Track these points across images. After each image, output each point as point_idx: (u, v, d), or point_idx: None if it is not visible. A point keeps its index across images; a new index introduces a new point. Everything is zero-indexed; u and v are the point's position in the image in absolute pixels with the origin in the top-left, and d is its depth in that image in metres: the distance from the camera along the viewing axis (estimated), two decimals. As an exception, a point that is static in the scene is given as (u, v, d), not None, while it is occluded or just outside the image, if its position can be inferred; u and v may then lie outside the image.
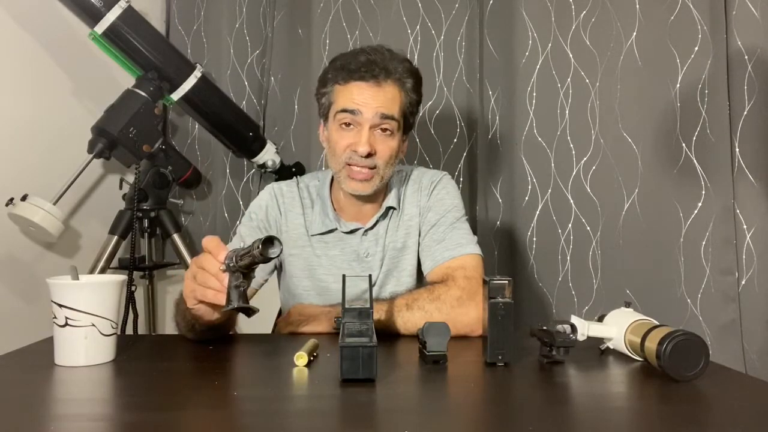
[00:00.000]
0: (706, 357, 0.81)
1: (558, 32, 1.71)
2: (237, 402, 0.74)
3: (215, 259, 0.87)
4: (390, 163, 1.22)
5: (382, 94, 1.18)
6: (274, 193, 1.32)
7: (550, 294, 1.76)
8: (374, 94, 1.18)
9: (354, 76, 1.18)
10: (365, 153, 1.17)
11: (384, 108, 1.18)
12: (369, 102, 1.17)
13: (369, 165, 1.19)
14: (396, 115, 1.19)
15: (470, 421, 0.70)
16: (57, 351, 0.90)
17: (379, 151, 1.19)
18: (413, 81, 1.23)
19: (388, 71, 1.19)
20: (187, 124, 2.13)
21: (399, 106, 1.20)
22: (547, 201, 1.75)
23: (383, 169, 1.21)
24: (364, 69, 1.17)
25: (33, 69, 1.77)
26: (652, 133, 1.61)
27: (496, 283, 0.90)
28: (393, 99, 1.19)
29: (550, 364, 0.90)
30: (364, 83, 1.18)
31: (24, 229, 1.70)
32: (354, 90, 1.18)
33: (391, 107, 1.19)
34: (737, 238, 1.49)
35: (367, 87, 1.18)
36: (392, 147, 1.21)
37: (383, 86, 1.18)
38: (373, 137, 1.18)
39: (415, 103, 1.25)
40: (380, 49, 1.21)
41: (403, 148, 1.28)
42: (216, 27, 2.06)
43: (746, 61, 1.47)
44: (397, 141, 1.22)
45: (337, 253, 1.28)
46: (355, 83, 1.18)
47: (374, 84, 1.18)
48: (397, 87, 1.20)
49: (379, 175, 1.21)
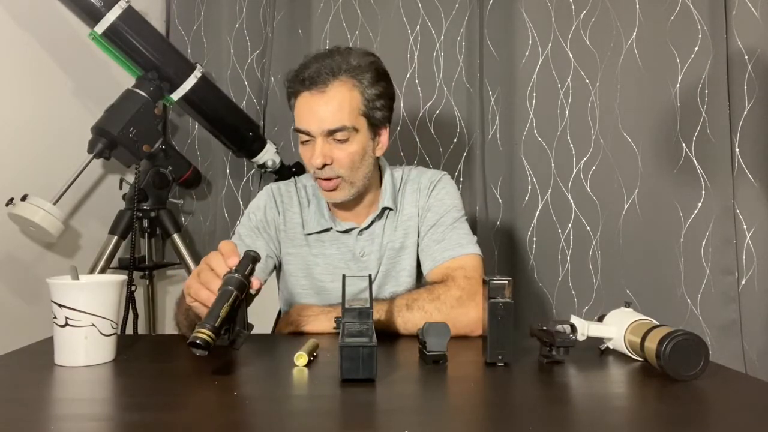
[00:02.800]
0: (706, 357, 0.81)
1: (558, 32, 1.71)
2: (237, 402, 0.74)
3: (225, 262, 0.88)
4: (355, 167, 1.19)
5: (327, 104, 1.15)
6: (272, 193, 1.32)
7: (550, 294, 1.76)
8: (319, 107, 1.15)
9: (302, 87, 1.17)
10: (319, 165, 1.16)
11: (329, 123, 1.15)
12: (314, 118, 1.16)
13: (329, 176, 1.18)
14: (347, 123, 1.16)
15: (470, 421, 0.70)
16: (57, 351, 0.89)
17: (336, 160, 1.17)
18: (371, 75, 1.18)
19: (336, 72, 1.16)
20: (187, 124, 2.12)
21: (351, 109, 1.16)
22: (547, 201, 1.75)
23: (349, 175, 1.19)
24: (309, 78, 1.15)
25: (33, 69, 1.77)
26: (652, 133, 1.61)
27: (496, 283, 0.90)
28: (341, 105, 1.15)
29: (550, 364, 0.90)
30: (309, 93, 1.16)
31: (24, 229, 1.70)
32: (303, 105, 1.17)
33: (339, 116, 1.15)
34: (737, 238, 1.49)
35: (311, 98, 1.16)
36: (351, 152, 1.18)
37: (329, 92, 1.15)
38: (328, 146, 1.17)
39: (377, 96, 1.19)
40: (335, 51, 1.19)
41: (380, 143, 1.24)
42: (216, 27, 2.06)
43: (746, 61, 1.47)
44: (357, 144, 1.18)
45: (334, 252, 1.28)
46: (302, 95, 1.17)
47: (318, 92, 1.15)
48: (347, 86, 1.16)
49: (346, 182, 1.19)
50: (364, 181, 1.23)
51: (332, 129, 1.15)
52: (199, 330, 0.79)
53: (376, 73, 1.20)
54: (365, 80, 1.17)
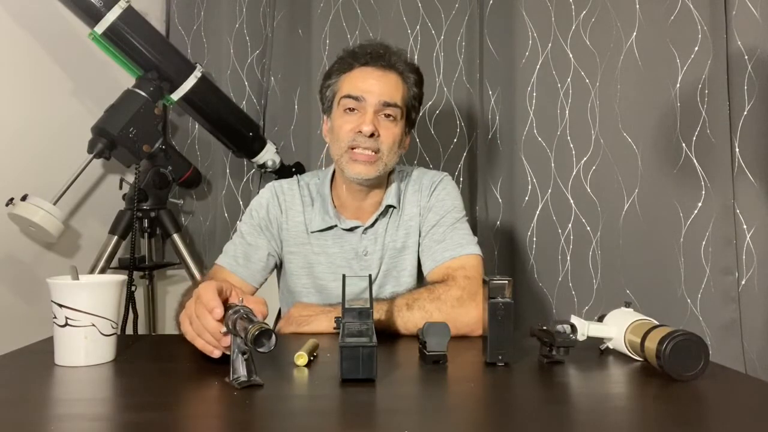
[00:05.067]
0: (706, 357, 0.82)
1: (558, 32, 1.71)
2: (237, 402, 0.74)
3: (210, 315, 0.83)
4: (393, 150, 1.23)
5: (385, 80, 1.21)
6: (275, 191, 1.32)
7: (550, 294, 1.76)
8: (378, 79, 1.21)
9: (360, 61, 1.22)
10: (369, 132, 1.18)
11: (387, 96, 1.20)
12: (373, 89, 1.20)
13: (372, 147, 1.20)
14: (399, 103, 1.22)
15: (470, 421, 0.70)
16: (57, 351, 0.89)
17: (382, 135, 1.21)
18: (415, 77, 1.26)
19: (391, 63, 1.23)
20: (187, 124, 2.12)
21: (402, 96, 1.23)
22: (547, 201, 1.75)
23: (387, 155, 1.22)
24: (369, 56, 1.22)
25: (33, 69, 1.77)
26: (652, 133, 1.61)
27: (496, 283, 0.90)
28: (396, 87, 1.22)
29: (550, 364, 0.90)
30: (369, 68, 1.22)
31: (24, 229, 1.70)
32: (359, 76, 1.22)
33: (395, 94, 1.22)
34: (737, 238, 1.49)
35: (371, 72, 1.21)
36: (395, 133, 1.22)
37: (387, 73, 1.22)
38: (377, 121, 1.20)
39: (417, 97, 1.27)
40: (384, 45, 1.25)
41: (405, 143, 1.30)
42: (216, 27, 2.06)
43: (746, 61, 1.47)
44: (400, 129, 1.24)
45: (336, 251, 1.28)
46: (360, 68, 1.22)
47: (379, 68, 1.21)
48: (400, 78, 1.24)
49: (382, 160, 1.22)
50: (391, 167, 1.27)
51: (389, 102, 1.20)
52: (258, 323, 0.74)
53: (419, 77, 1.28)
54: (410, 80, 1.25)
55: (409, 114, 1.27)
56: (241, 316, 0.78)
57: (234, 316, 0.79)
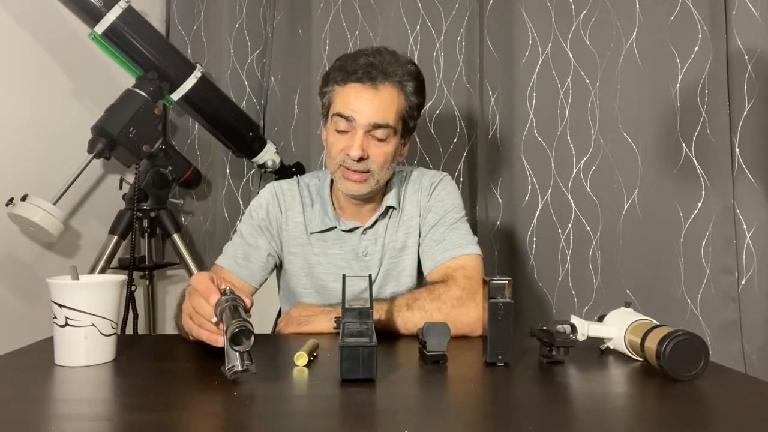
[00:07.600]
0: (706, 357, 0.82)
1: (558, 32, 1.71)
2: (237, 402, 0.74)
3: (207, 303, 0.85)
4: (385, 167, 1.22)
5: (377, 99, 1.18)
6: (275, 192, 1.32)
7: (550, 294, 1.76)
8: (370, 98, 1.17)
9: (352, 78, 1.18)
10: (357, 157, 1.17)
11: (378, 117, 1.17)
12: (363, 109, 1.17)
13: (362, 169, 1.19)
14: (391, 122, 1.19)
15: (470, 421, 0.70)
16: (57, 351, 0.89)
17: (372, 156, 1.19)
18: (415, 84, 1.22)
19: (387, 74, 1.18)
20: (187, 124, 2.12)
21: (396, 111, 1.20)
22: (547, 201, 1.75)
23: (378, 173, 1.21)
24: (362, 71, 1.17)
25: (33, 69, 1.77)
26: (652, 133, 1.61)
27: (496, 283, 0.90)
28: (389, 104, 1.19)
29: (550, 364, 0.90)
30: (361, 85, 1.18)
31: (24, 229, 1.70)
32: (351, 93, 1.18)
33: (386, 114, 1.18)
34: (737, 238, 1.49)
35: (363, 90, 1.18)
36: (386, 152, 1.20)
37: (380, 90, 1.18)
38: (366, 142, 1.18)
39: (416, 106, 1.24)
40: (383, 52, 1.21)
41: (403, 150, 1.28)
42: (216, 27, 2.06)
43: (746, 61, 1.47)
44: (392, 145, 1.21)
45: (336, 252, 1.28)
46: (352, 85, 1.18)
47: (371, 87, 1.17)
48: (395, 90, 1.20)
49: (374, 178, 1.21)
50: (386, 181, 1.26)
51: (378, 124, 1.18)
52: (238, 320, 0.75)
53: (419, 83, 1.24)
54: (409, 88, 1.21)
55: (405, 124, 1.24)
56: (228, 307, 0.80)
57: (223, 305, 0.80)
